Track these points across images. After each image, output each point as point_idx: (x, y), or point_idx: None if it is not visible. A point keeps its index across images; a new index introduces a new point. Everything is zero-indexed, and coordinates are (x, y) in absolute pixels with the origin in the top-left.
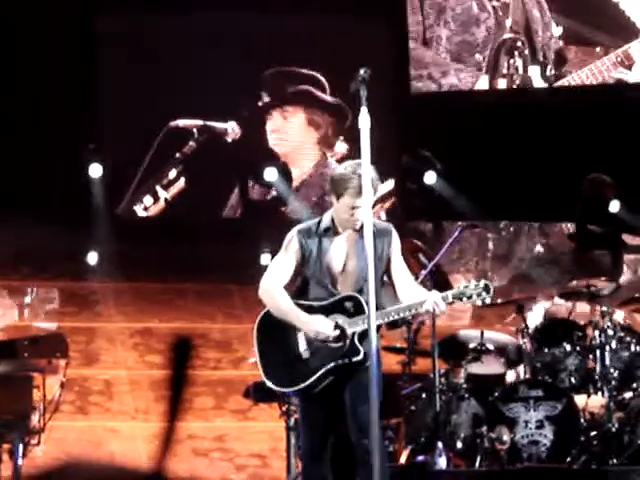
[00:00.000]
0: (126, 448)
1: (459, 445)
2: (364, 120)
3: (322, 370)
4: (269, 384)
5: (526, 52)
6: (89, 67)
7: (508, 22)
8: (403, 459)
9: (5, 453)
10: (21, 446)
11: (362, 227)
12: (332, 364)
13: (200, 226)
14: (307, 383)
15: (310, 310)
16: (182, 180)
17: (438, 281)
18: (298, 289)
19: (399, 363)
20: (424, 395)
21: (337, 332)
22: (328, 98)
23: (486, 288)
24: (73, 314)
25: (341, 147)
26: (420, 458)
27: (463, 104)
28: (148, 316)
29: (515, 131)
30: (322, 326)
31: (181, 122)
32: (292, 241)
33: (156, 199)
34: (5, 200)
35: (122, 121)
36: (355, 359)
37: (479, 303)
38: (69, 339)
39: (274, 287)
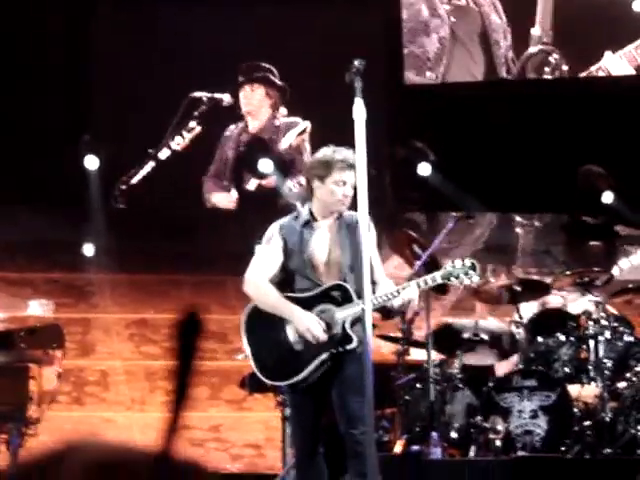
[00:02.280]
0: (122, 438)
1: (453, 435)
2: (359, 111)
3: (316, 361)
4: (263, 378)
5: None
6: (84, 58)
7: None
8: (398, 449)
9: (2, 444)
10: (18, 436)
11: (341, 216)
12: (325, 354)
13: (195, 217)
14: (302, 375)
15: (297, 302)
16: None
17: (433, 272)
18: (282, 282)
19: (393, 353)
20: (418, 385)
21: (325, 336)
22: (278, 82)
23: (472, 266)
24: (69, 305)
25: (283, 110)
26: (415, 448)
27: (456, 95)
28: (144, 307)
29: (508, 122)
30: (313, 325)
31: (197, 93)
32: (274, 236)
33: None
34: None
35: (118, 112)
36: (349, 347)
37: (467, 282)
38: (65, 330)
39: (260, 280)
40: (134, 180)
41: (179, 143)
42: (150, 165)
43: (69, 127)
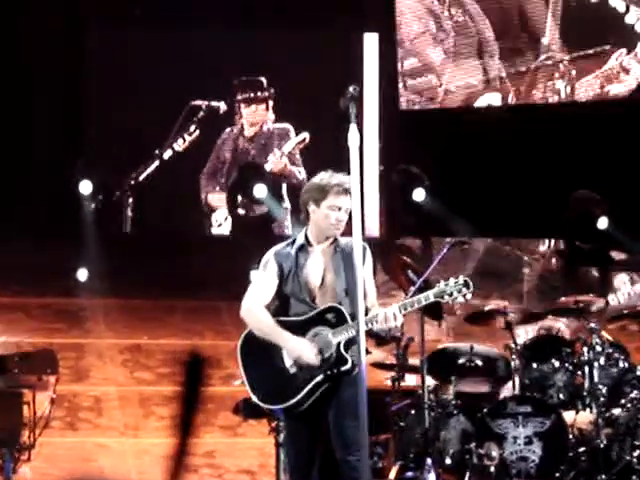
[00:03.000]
0: (115, 464)
1: (448, 461)
2: (353, 137)
3: (311, 384)
4: (258, 402)
5: None
6: (76, 81)
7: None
8: (392, 475)
9: None
10: (12, 462)
11: (336, 241)
12: (321, 376)
13: (188, 242)
14: (297, 398)
15: (292, 326)
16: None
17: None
18: (278, 307)
19: (388, 379)
20: (413, 411)
21: (319, 359)
22: (267, 93)
23: (465, 284)
24: (63, 330)
25: (271, 115)
26: (409, 474)
27: (451, 121)
28: (137, 333)
29: (503, 148)
30: (305, 350)
31: (197, 102)
32: (269, 262)
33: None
34: None
35: (111, 137)
36: (343, 368)
37: (461, 300)
38: (59, 355)
39: (256, 307)
40: (141, 177)
41: (180, 145)
42: (155, 164)
43: (61, 153)
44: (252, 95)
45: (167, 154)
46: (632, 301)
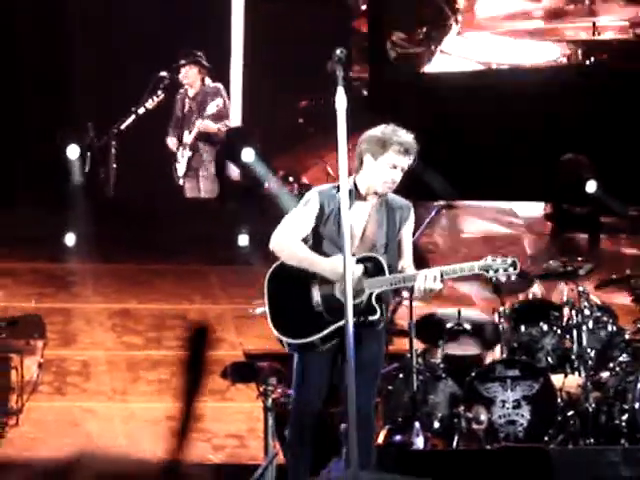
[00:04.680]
0: (103, 428)
1: (436, 425)
2: (341, 100)
3: (334, 325)
4: (277, 334)
5: None
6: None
7: None
8: (380, 439)
9: None
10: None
11: (384, 196)
12: (343, 321)
13: (177, 207)
14: (317, 337)
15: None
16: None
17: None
18: (310, 247)
19: None
20: (401, 375)
21: (361, 268)
22: (205, 63)
23: (513, 264)
24: (50, 295)
25: (208, 81)
26: (397, 438)
27: (435, 85)
28: (126, 297)
29: (489, 110)
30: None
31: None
32: (311, 200)
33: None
34: None
35: (97, 100)
36: (371, 318)
37: (503, 278)
38: (47, 320)
39: (290, 238)
40: (122, 126)
41: (151, 104)
42: (132, 118)
43: (48, 116)
44: (183, 61)
45: (141, 110)
46: None
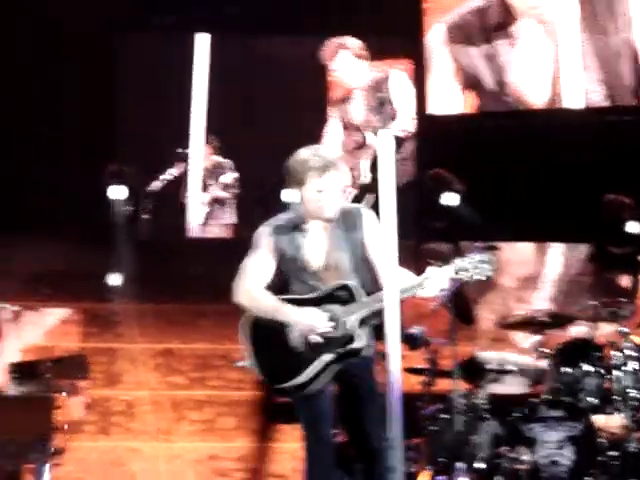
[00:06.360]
0: (147, 468)
1: (479, 465)
2: (386, 140)
3: (317, 361)
4: (265, 381)
5: None
6: (108, 84)
7: None
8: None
9: (29, 474)
10: (45, 466)
11: (332, 216)
12: (329, 355)
13: (216, 246)
14: (304, 375)
15: (298, 303)
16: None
17: (458, 305)
18: (277, 288)
19: (419, 383)
20: (444, 415)
21: (332, 323)
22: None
23: (484, 260)
24: (95, 335)
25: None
26: (440, 479)
27: (483, 126)
28: (169, 337)
29: (534, 152)
30: (317, 319)
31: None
32: (263, 239)
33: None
34: (25, 221)
35: (143, 140)
36: (353, 346)
37: (477, 277)
38: (91, 360)
39: (254, 287)
40: (151, 188)
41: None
42: (159, 184)
43: (93, 158)
44: None
45: (167, 177)
46: None
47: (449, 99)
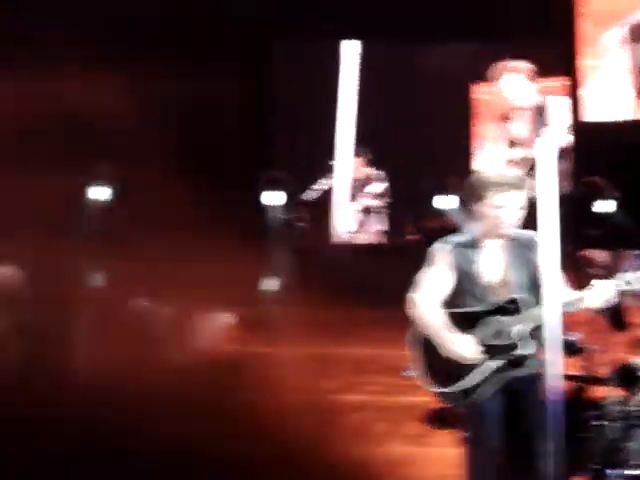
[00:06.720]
0: None
1: (633, 472)
2: (549, 144)
3: (485, 366)
4: (430, 386)
5: None
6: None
7: None
8: None
9: None
10: None
11: (509, 235)
12: (495, 362)
13: (367, 252)
14: (468, 381)
15: (468, 316)
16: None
17: (613, 312)
18: (451, 301)
19: (572, 390)
20: (597, 422)
21: (477, 356)
22: None
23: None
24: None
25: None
26: None
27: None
28: (325, 342)
29: None
30: (468, 350)
31: None
32: (440, 255)
33: None
34: (186, 229)
35: (297, 149)
36: (517, 352)
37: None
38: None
39: (425, 302)
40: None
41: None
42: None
43: (250, 163)
44: None
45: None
46: None
47: (620, 105)
